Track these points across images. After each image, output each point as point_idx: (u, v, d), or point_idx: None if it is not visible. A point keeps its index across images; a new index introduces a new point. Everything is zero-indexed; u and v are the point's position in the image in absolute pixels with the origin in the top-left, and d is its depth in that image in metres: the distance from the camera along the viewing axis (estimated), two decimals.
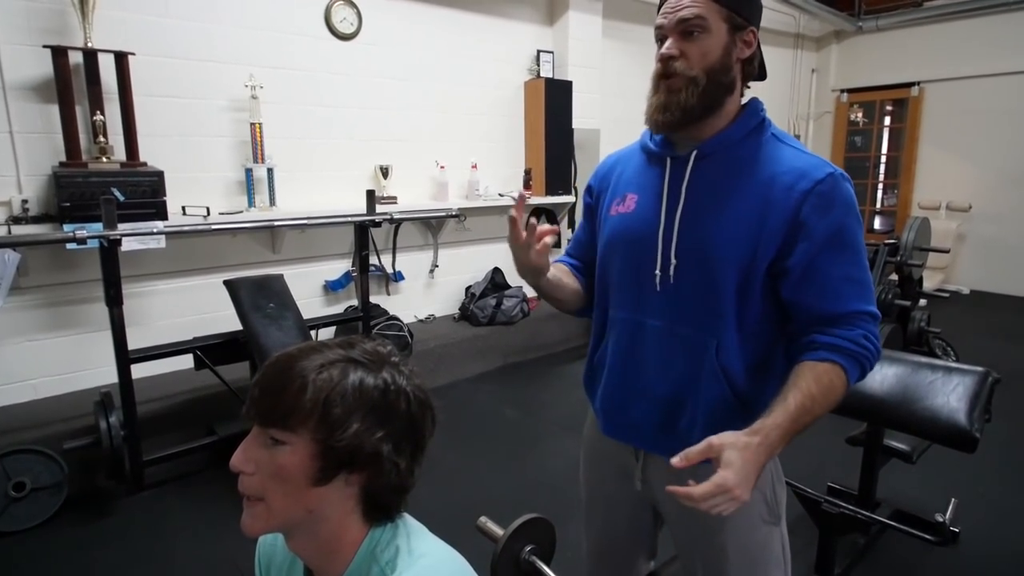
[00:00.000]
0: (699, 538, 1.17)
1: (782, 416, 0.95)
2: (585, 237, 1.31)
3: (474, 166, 4.34)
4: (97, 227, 2.38)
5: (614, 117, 5.12)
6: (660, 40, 1.08)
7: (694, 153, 1.08)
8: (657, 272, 1.09)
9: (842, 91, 7.34)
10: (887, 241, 3.86)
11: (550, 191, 4.64)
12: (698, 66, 1.03)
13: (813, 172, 1.02)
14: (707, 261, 1.05)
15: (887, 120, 7.41)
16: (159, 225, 2.70)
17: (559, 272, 1.25)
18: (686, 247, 1.07)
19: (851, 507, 1.93)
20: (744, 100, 1.11)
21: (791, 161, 1.04)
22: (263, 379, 0.76)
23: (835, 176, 1.02)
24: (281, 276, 2.92)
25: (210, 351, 2.76)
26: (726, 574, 1.14)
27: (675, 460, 0.91)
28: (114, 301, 2.42)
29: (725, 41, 1.04)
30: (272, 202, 3.46)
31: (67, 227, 2.56)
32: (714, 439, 0.91)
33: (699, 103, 1.04)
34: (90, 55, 2.77)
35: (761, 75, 1.12)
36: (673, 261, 1.08)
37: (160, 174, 2.89)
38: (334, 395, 0.73)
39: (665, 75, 1.05)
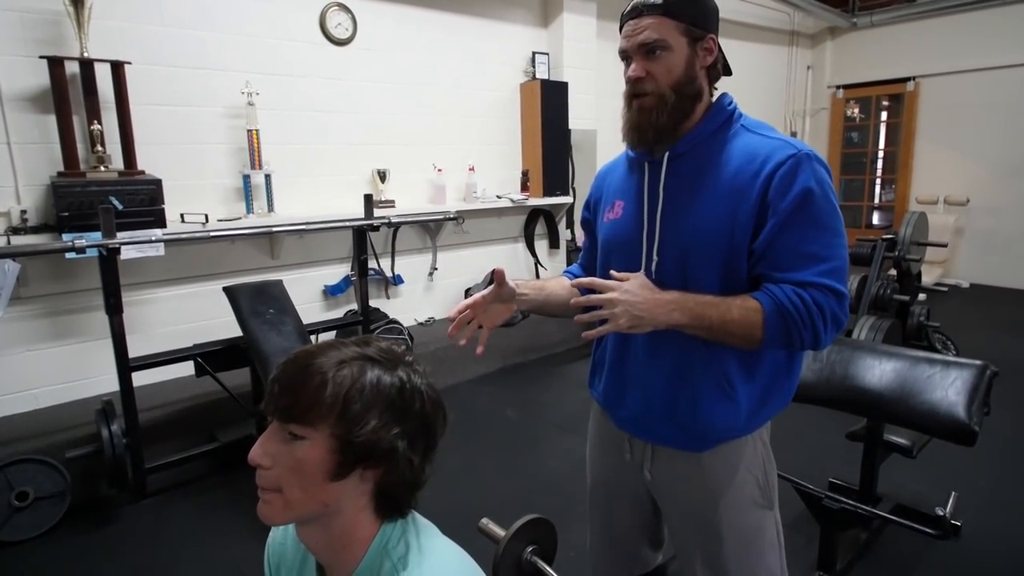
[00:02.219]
0: (694, 523, 1.19)
1: (686, 296, 1.06)
2: (590, 247, 1.38)
3: (471, 168, 4.35)
4: (96, 236, 2.39)
5: (610, 117, 5.11)
6: (624, 62, 1.13)
7: (667, 155, 1.13)
8: (642, 271, 1.13)
9: (838, 87, 7.36)
10: (885, 236, 3.86)
11: (547, 192, 4.65)
12: (665, 83, 1.08)
13: (776, 154, 1.05)
14: (686, 256, 1.09)
15: (883, 115, 7.43)
16: (158, 233, 2.71)
17: (549, 289, 1.30)
18: (666, 244, 1.12)
19: (852, 502, 1.93)
20: (714, 97, 1.16)
21: (757, 148, 1.08)
22: (282, 376, 0.77)
23: (798, 156, 1.04)
24: (280, 282, 2.93)
25: (210, 358, 2.77)
26: (722, 557, 1.17)
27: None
28: (114, 309, 2.42)
29: (687, 54, 1.08)
30: (270, 208, 3.46)
31: (66, 236, 2.56)
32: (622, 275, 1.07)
33: (669, 119, 1.09)
34: (86, 65, 2.78)
35: (726, 72, 1.17)
36: (655, 259, 1.13)
37: (158, 182, 2.90)
38: (353, 391, 0.75)
39: (635, 94, 1.11)
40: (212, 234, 2.96)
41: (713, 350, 1.09)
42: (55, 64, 2.70)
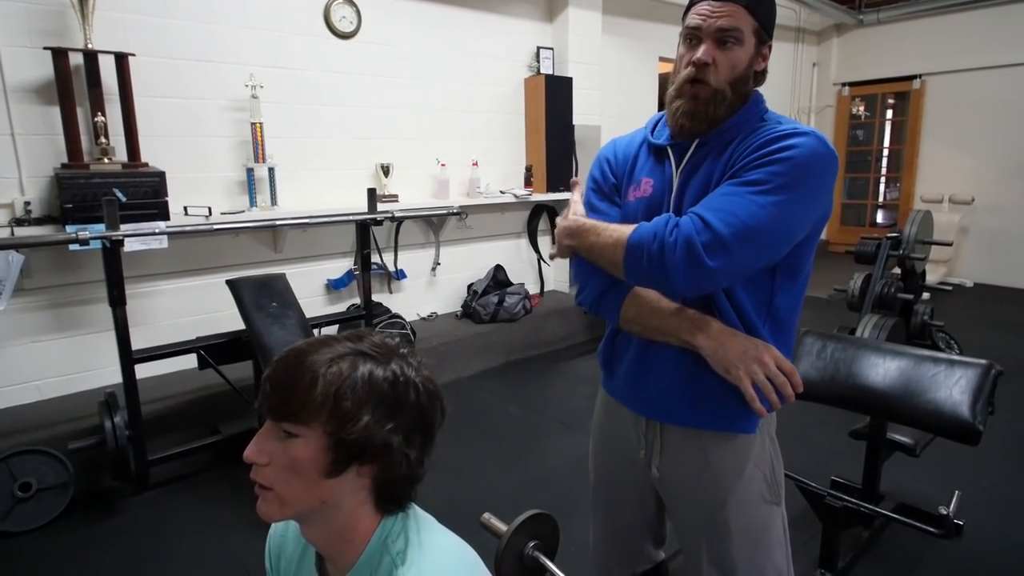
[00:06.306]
0: (702, 518, 1.19)
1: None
2: (614, 213, 1.25)
3: (475, 163, 4.34)
4: (99, 228, 2.39)
5: (614, 113, 5.12)
6: (689, 40, 1.09)
7: (696, 141, 1.13)
8: None
9: (843, 85, 7.32)
10: (889, 235, 3.85)
11: (551, 188, 4.63)
12: (726, 78, 1.07)
13: (778, 127, 1.06)
14: None
15: (889, 113, 7.40)
16: (161, 226, 2.71)
17: None
18: None
19: (855, 500, 1.93)
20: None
21: (767, 127, 1.08)
22: (274, 374, 0.77)
23: (796, 133, 1.03)
24: (283, 275, 2.93)
25: (213, 351, 2.77)
26: (729, 553, 1.16)
27: None
28: (117, 302, 2.43)
29: (752, 54, 1.09)
30: (273, 201, 3.46)
31: (70, 228, 2.56)
32: None
33: (724, 114, 1.10)
34: (90, 56, 2.77)
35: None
36: None
37: (162, 175, 2.90)
38: (344, 388, 0.74)
39: (696, 79, 1.08)
40: (215, 227, 2.95)
41: (728, 318, 1.09)
42: (59, 55, 2.69)
